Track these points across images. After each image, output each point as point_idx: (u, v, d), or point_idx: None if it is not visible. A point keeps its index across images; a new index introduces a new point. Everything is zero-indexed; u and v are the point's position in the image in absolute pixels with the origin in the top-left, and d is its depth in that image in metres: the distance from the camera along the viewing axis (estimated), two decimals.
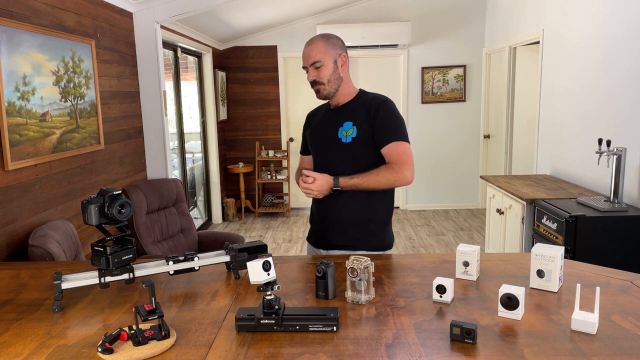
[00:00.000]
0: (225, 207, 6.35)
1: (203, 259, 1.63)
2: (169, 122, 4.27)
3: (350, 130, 1.92)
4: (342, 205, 1.94)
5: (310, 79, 1.93)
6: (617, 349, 1.14)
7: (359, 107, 1.96)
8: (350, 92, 2.00)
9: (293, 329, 1.26)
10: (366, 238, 1.95)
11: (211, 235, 3.80)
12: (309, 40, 1.96)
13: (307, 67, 1.94)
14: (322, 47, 1.91)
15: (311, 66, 1.92)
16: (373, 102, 1.94)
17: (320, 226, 2.03)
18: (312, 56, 1.91)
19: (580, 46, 3.82)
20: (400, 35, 6.09)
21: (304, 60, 1.94)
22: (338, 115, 1.98)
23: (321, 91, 1.95)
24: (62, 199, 2.78)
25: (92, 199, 1.43)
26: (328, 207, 1.97)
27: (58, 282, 1.43)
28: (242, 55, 6.53)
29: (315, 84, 1.93)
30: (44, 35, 2.60)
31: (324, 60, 1.91)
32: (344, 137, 1.93)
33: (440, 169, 6.60)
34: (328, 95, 1.96)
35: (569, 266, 1.67)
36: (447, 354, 1.14)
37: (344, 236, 1.96)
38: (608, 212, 2.90)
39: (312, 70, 1.92)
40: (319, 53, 1.91)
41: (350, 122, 1.94)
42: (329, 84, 1.93)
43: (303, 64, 1.96)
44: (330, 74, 1.92)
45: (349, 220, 1.95)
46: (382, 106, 1.91)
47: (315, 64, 1.91)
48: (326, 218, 1.99)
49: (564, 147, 4.08)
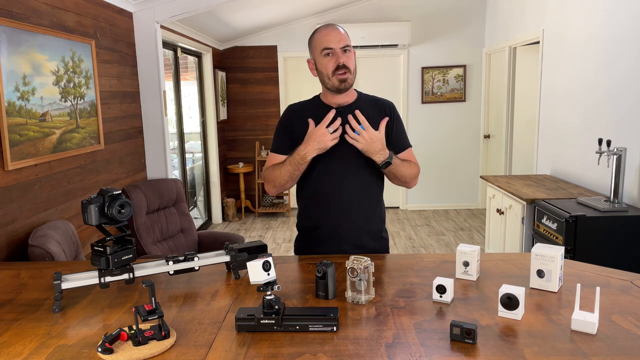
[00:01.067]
0: (225, 207, 6.35)
1: (203, 259, 1.63)
2: (169, 122, 4.27)
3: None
4: (356, 213, 1.85)
5: (342, 61, 1.77)
6: (617, 349, 1.14)
7: (368, 108, 1.85)
8: (353, 91, 1.91)
9: (293, 329, 1.26)
10: (378, 247, 1.93)
11: (211, 235, 3.80)
12: (329, 24, 1.83)
13: (334, 49, 1.78)
14: (348, 36, 1.82)
15: (341, 49, 1.78)
16: (386, 106, 1.90)
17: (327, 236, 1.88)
18: (344, 39, 1.79)
19: (580, 46, 3.82)
20: (400, 35, 6.09)
21: (333, 41, 1.78)
22: (347, 115, 1.79)
23: (348, 80, 1.80)
24: (62, 199, 2.78)
25: (92, 199, 1.43)
26: (338, 215, 1.85)
27: (58, 282, 1.43)
28: (242, 55, 6.53)
29: (345, 69, 1.78)
30: (44, 35, 2.60)
31: (351, 47, 1.81)
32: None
33: (441, 169, 6.60)
34: (350, 85, 1.83)
35: (569, 266, 1.67)
36: (447, 354, 1.14)
37: (358, 246, 1.87)
38: (608, 212, 2.90)
39: (341, 54, 1.78)
40: (348, 39, 1.81)
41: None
42: (353, 74, 1.82)
43: (329, 44, 1.78)
44: (354, 63, 1.83)
45: (363, 229, 1.88)
46: (396, 111, 1.91)
47: (346, 48, 1.79)
48: (340, 227, 1.85)
49: (564, 147, 4.08)
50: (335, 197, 1.84)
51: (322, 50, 1.80)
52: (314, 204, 1.90)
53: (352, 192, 1.84)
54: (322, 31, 1.81)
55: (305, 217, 1.95)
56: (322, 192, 1.86)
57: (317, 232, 1.90)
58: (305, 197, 1.92)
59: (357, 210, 1.86)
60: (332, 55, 1.79)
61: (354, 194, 1.85)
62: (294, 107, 1.95)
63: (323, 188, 1.86)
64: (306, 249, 1.94)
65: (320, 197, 1.87)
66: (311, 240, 1.93)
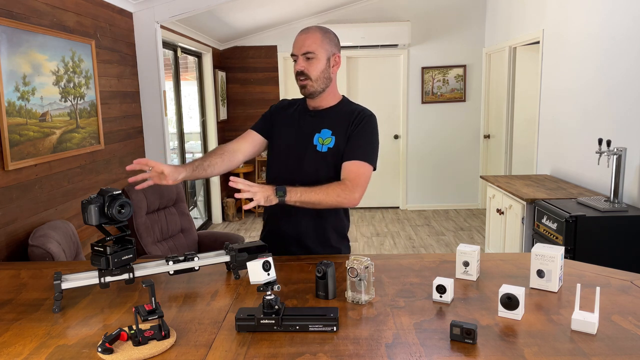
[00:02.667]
0: (225, 207, 6.35)
1: (203, 259, 1.63)
2: (169, 122, 4.27)
3: (328, 140, 1.78)
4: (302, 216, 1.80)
5: (298, 69, 1.75)
6: (617, 349, 1.14)
7: (341, 116, 1.81)
8: (335, 97, 1.85)
9: (293, 329, 1.26)
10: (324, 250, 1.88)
11: (211, 235, 3.80)
12: (305, 28, 1.79)
13: (297, 55, 1.75)
14: (319, 39, 1.75)
15: (302, 55, 1.74)
16: (358, 114, 1.80)
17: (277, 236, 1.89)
18: (306, 45, 1.73)
19: (580, 46, 3.82)
20: (400, 35, 6.09)
21: (296, 47, 1.76)
22: (317, 120, 1.83)
23: (307, 87, 1.76)
24: (62, 199, 2.78)
25: (92, 199, 1.43)
26: (284, 218, 1.83)
27: (58, 282, 1.43)
28: (242, 55, 6.53)
29: (302, 76, 1.75)
30: (44, 35, 2.60)
31: (318, 53, 1.74)
32: (319, 144, 1.79)
33: (440, 169, 6.60)
34: (314, 93, 1.78)
35: (569, 266, 1.67)
36: (447, 354, 1.14)
37: (302, 248, 1.86)
38: (608, 212, 2.90)
39: (302, 61, 1.75)
40: (314, 44, 1.74)
41: (329, 130, 1.79)
42: (317, 81, 1.76)
43: (293, 51, 1.77)
44: (320, 70, 1.75)
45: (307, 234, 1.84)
46: (367, 121, 1.78)
47: (308, 54, 1.73)
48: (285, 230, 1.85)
49: (564, 147, 4.08)
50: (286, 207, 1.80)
51: (291, 55, 1.81)
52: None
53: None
54: (295, 36, 1.81)
55: (266, 211, 1.96)
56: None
57: (266, 230, 1.96)
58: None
59: (297, 213, 1.79)
60: (296, 61, 1.78)
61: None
62: (285, 101, 1.98)
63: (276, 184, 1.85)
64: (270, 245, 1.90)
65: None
66: (265, 236, 1.96)
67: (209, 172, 1.78)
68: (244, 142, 1.90)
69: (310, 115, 1.85)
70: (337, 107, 1.85)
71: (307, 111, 1.87)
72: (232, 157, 1.85)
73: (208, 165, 1.78)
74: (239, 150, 1.88)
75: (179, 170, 1.68)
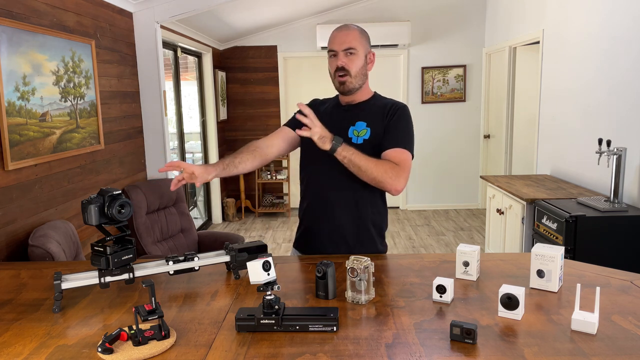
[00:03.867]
0: (225, 207, 6.35)
1: (203, 259, 1.63)
2: (169, 122, 4.27)
3: (363, 131, 1.80)
4: (338, 214, 1.83)
5: (340, 64, 1.77)
6: (617, 349, 1.14)
7: (374, 108, 1.84)
8: (367, 93, 1.89)
9: (293, 329, 1.26)
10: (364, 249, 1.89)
11: (211, 235, 3.80)
12: (342, 25, 1.82)
13: (336, 51, 1.78)
14: (358, 36, 1.79)
15: (343, 51, 1.77)
16: (392, 106, 1.83)
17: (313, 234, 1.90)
18: (348, 41, 1.76)
19: (580, 46, 3.82)
20: (400, 35, 6.09)
21: (336, 43, 1.78)
22: (350, 113, 1.85)
23: (347, 83, 1.78)
24: (62, 199, 2.78)
25: (92, 199, 1.43)
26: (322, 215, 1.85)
27: (58, 282, 1.43)
28: (242, 55, 6.53)
29: (343, 71, 1.77)
30: (44, 35, 2.60)
31: (358, 49, 1.77)
32: (354, 137, 1.80)
33: (441, 169, 6.60)
34: (352, 89, 1.81)
35: (569, 266, 1.67)
36: (447, 354, 1.14)
37: (339, 245, 1.86)
38: (608, 212, 2.90)
39: (343, 56, 1.77)
40: (355, 40, 1.77)
41: (363, 122, 1.82)
42: (356, 77, 1.79)
43: (333, 46, 1.79)
44: (359, 66, 1.79)
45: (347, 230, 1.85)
46: (401, 111, 1.82)
47: (349, 50, 1.76)
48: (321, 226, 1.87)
49: (564, 147, 4.08)
50: (321, 190, 1.86)
51: (328, 51, 1.83)
52: (304, 199, 1.94)
53: (337, 186, 1.83)
54: (332, 32, 1.83)
55: (301, 207, 1.97)
56: (311, 182, 1.90)
57: (302, 228, 1.96)
58: (302, 187, 1.96)
59: (340, 211, 1.83)
60: (335, 57, 1.80)
61: (339, 187, 1.83)
62: (317, 100, 2.01)
63: (313, 179, 1.89)
64: (299, 243, 1.98)
65: (310, 187, 1.91)
66: (301, 234, 1.96)
67: (240, 168, 1.79)
68: (277, 137, 1.91)
69: (343, 110, 1.88)
70: (370, 101, 1.88)
71: (340, 106, 1.90)
72: (265, 152, 1.86)
73: (239, 162, 1.79)
74: (271, 145, 1.89)
75: (209, 170, 1.69)
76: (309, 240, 1.93)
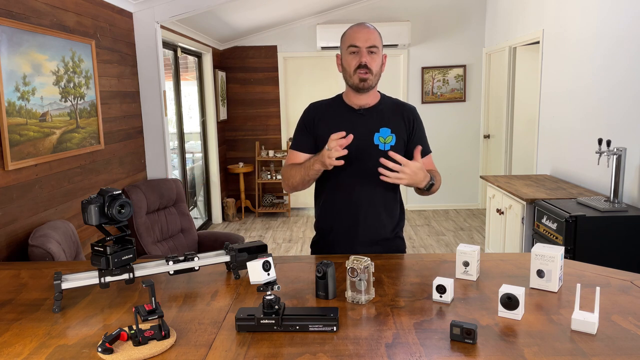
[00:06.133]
0: (225, 207, 6.35)
1: (203, 259, 1.63)
2: (169, 122, 4.27)
3: (389, 138, 1.82)
4: (370, 216, 1.86)
5: (364, 61, 1.77)
6: (617, 349, 1.14)
7: (390, 112, 1.87)
8: (376, 93, 1.90)
9: (293, 329, 1.26)
10: (392, 248, 1.92)
11: (211, 235, 3.80)
12: (361, 23, 1.83)
13: (360, 47, 1.77)
14: (379, 37, 1.81)
15: (367, 48, 1.77)
16: (409, 111, 1.90)
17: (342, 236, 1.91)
18: (372, 39, 1.77)
19: (580, 46, 3.82)
20: (400, 35, 6.10)
21: (360, 39, 1.77)
22: (371, 119, 1.84)
23: (368, 80, 1.79)
24: (62, 199, 2.78)
25: (92, 199, 1.43)
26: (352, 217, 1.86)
27: (58, 282, 1.43)
28: (242, 55, 6.53)
29: (366, 69, 1.77)
30: (44, 35, 2.60)
31: (379, 49, 1.80)
32: (381, 144, 1.82)
33: (441, 169, 6.52)
34: (370, 87, 1.81)
35: (569, 266, 1.67)
36: (447, 354, 1.14)
37: (372, 247, 1.89)
38: (608, 212, 2.90)
39: (366, 54, 1.77)
40: (377, 40, 1.79)
41: (387, 128, 1.83)
42: (376, 76, 1.81)
43: (355, 42, 1.77)
44: (379, 66, 1.81)
45: (378, 231, 1.88)
46: (418, 116, 1.92)
47: (372, 49, 1.78)
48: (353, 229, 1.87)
49: (564, 147, 4.08)
50: (349, 199, 1.86)
51: (349, 47, 1.80)
52: (329, 205, 1.91)
53: (365, 195, 1.85)
54: (353, 28, 1.82)
55: (322, 217, 1.95)
56: (337, 193, 1.88)
57: (331, 234, 1.92)
58: (322, 197, 1.93)
59: (371, 213, 1.86)
60: (356, 53, 1.78)
61: (367, 197, 1.85)
62: (316, 104, 1.95)
63: (338, 189, 1.87)
64: (321, 249, 1.96)
65: (335, 198, 1.89)
66: (327, 241, 1.94)
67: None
68: (300, 160, 1.89)
69: (360, 114, 1.86)
70: (382, 104, 1.89)
71: (353, 110, 1.87)
72: None
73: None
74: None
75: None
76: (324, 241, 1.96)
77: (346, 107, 1.88)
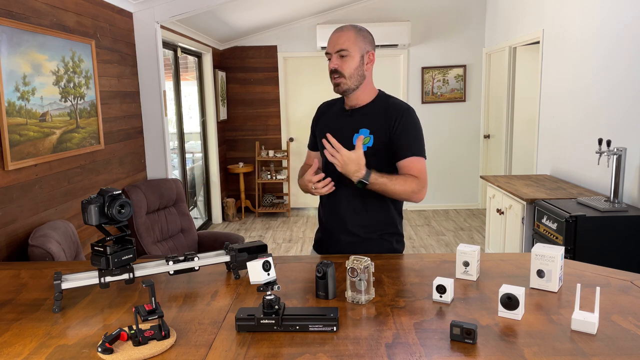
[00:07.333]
0: (225, 207, 6.35)
1: (203, 259, 1.63)
2: (169, 122, 4.27)
3: (367, 139, 1.80)
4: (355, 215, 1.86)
5: (332, 67, 1.78)
6: (617, 349, 1.14)
7: (378, 112, 1.83)
8: (370, 93, 1.87)
9: (293, 329, 1.26)
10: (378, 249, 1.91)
11: (211, 235, 3.80)
12: (340, 27, 1.83)
13: (330, 53, 1.79)
14: (352, 37, 1.78)
15: (336, 53, 1.77)
16: (395, 111, 1.81)
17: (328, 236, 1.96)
18: (340, 43, 1.77)
19: (580, 46, 3.82)
20: (400, 35, 6.09)
21: (329, 45, 1.79)
22: (354, 119, 1.85)
23: (341, 85, 1.79)
24: (62, 199, 2.78)
25: (92, 199, 1.43)
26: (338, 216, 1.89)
27: (58, 282, 1.43)
28: (242, 55, 6.53)
29: (336, 74, 1.78)
30: (44, 35, 2.60)
31: (352, 51, 1.76)
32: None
33: (440, 169, 6.59)
34: (347, 90, 1.81)
35: (569, 266, 1.67)
36: (447, 354, 1.14)
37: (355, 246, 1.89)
38: (608, 212, 2.90)
39: (335, 59, 1.78)
40: (348, 42, 1.77)
41: (367, 129, 1.81)
42: (350, 78, 1.78)
43: (327, 49, 1.81)
44: (354, 68, 1.77)
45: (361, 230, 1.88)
46: (405, 116, 1.81)
47: (341, 52, 1.76)
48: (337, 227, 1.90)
49: (564, 147, 4.08)
50: (334, 197, 1.88)
51: (325, 54, 1.84)
52: (321, 203, 2.00)
53: (345, 195, 1.86)
54: (331, 35, 1.83)
55: (318, 213, 2.04)
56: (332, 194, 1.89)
57: (323, 231, 2.00)
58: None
59: (350, 212, 1.87)
60: (330, 59, 1.81)
61: (347, 196, 1.86)
62: (322, 104, 2.03)
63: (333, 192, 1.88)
64: (318, 243, 2.04)
65: (322, 197, 1.95)
66: (321, 238, 2.02)
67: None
68: (313, 159, 1.98)
69: (347, 115, 1.88)
70: (373, 104, 1.86)
71: (344, 111, 1.90)
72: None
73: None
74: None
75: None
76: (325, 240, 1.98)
77: (341, 108, 1.92)
